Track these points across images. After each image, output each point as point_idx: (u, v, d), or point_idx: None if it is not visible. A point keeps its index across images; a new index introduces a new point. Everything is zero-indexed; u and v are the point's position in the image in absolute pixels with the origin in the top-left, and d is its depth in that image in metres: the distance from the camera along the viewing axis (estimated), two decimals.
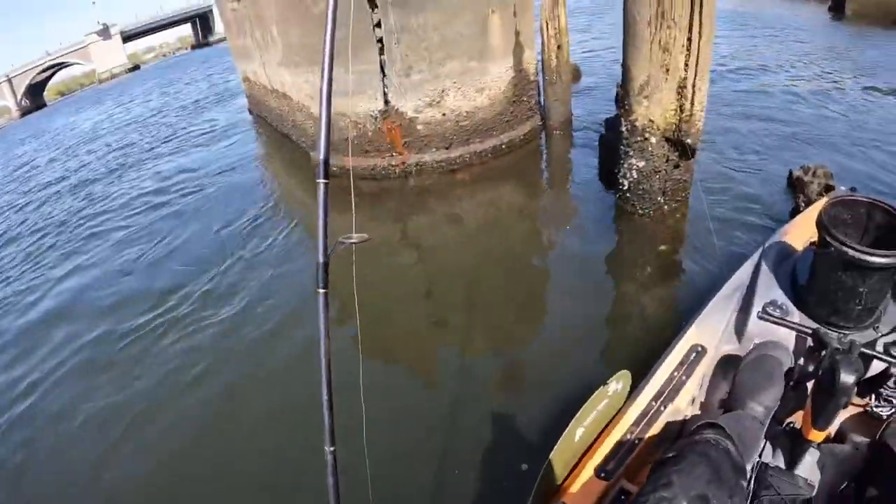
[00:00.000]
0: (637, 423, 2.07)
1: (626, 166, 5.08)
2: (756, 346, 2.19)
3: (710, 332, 2.42)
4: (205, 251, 6.39)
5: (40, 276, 7.27)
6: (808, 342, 1.93)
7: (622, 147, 5.06)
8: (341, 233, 1.57)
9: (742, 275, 2.72)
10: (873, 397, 2.05)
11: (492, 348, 4.07)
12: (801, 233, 2.83)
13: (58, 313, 6.02)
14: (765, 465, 1.90)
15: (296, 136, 8.38)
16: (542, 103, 7.66)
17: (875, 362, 1.96)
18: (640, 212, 5.13)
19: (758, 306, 2.32)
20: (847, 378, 1.60)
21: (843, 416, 2.10)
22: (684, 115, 4.70)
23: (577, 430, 2.08)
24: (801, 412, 1.88)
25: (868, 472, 1.82)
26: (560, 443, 2.00)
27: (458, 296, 4.73)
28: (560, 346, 3.89)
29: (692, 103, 4.59)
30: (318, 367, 1.55)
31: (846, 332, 2.21)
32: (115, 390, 4.41)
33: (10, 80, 44.95)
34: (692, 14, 4.21)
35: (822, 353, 1.76)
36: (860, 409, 2.11)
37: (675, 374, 2.24)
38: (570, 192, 6.30)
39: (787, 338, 2.23)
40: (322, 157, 1.49)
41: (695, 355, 2.32)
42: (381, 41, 6.22)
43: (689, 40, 4.32)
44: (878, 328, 2.25)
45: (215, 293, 5.39)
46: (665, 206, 5.11)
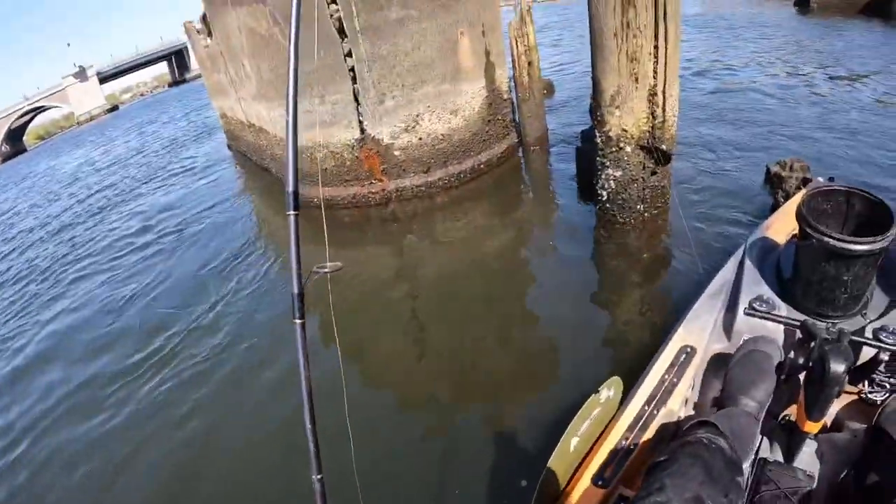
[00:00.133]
0: (631, 428, 2.06)
1: (603, 177, 5.09)
2: (745, 342, 2.18)
3: (698, 331, 2.41)
4: (189, 290, 6.33)
5: (26, 322, 7.19)
6: (797, 334, 1.94)
7: (598, 158, 5.08)
8: (322, 261, 1.59)
9: (727, 272, 2.74)
10: (866, 383, 2.04)
11: (481, 366, 4.04)
12: (782, 226, 2.85)
13: (44, 358, 5.97)
14: (763, 460, 1.90)
15: (275, 170, 8.39)
16: (517, 120, 7.70)
17: (865, 348, 1.97)
18: (621, 221, 5.14)
19: (744, 302, 2.32)
20: (837, 367, 1.62)
21: (838, 404, 2.12)
22: (657, 121, 4.72)
23: (572, 440, 2.06)
24: (795, 405, 1.87)
25: (867, 459, 1.80)
26: (555, 454, 1.98)
27: (444, 317, 4.72)
28: (550, 359, 3.88)
29: (664, 110, 4.61)
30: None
31: (834, 321, 2.21)
32: (103, 434, 4.37)
33: None
34: (657, 22, 4.24)
35: (812, 344, 1.76)
36: (855, 397, 2.12)
37: (666, 376, 2.23)
38: (551, 206, 6.31)
39: (776, 331, 2.24)
40: (290, 188, 1.53)
41: (684, 356, 2.30)
42: (353, 70, 6.26)
43: (655, 48, 4.36)
44: (865, 315, 2.26)
45: (200, 331, 5.34)
46: (645, 214, 5.12)
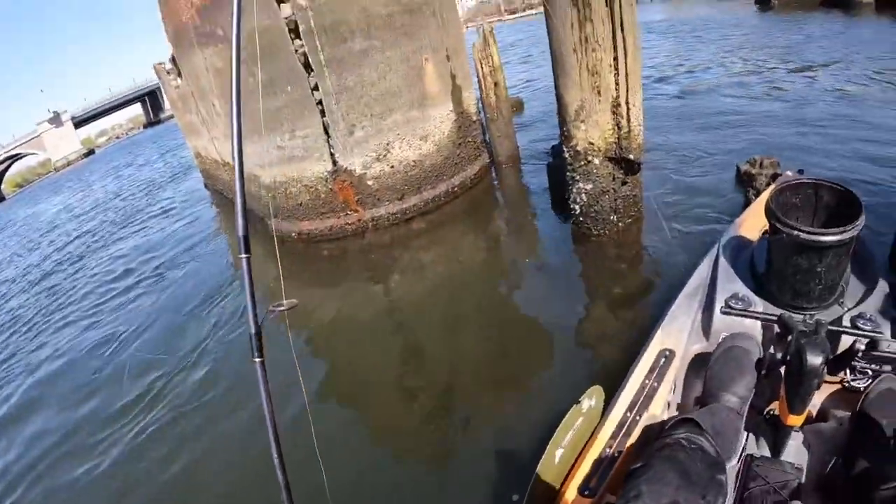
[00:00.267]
0: (615, 435, 2.05)
1: (574, 191, 5.15)
2: (723, 340, 2.19)
3: (677, 333, 2.41)
4: (170, 334, 6.26)
5: (11, 372, 7.10)
6: (775, 329, 1.99)
7: (568, 173, 5.14)
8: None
9: (702, 272, 2.75)
10: (848, 372, 2.04)
11: (462, 385, 4.03)
12: (753, 223, 2.87)
13: (30, 407, 5.89)
14: (750, 456, 1.91)
15: (252, 206, 8.35)
16: (487, 141, 7.77)
17: (845, 337, 2.00)
18: (596, 233, 5.19)
19: (720, 301, 2.33)
20: (814, 360, 1.64)
21: (822, 394, 2.14)
22: (622, 132, 4.77)
23: (556, 452, 2.08)
24: (778, 400, 1.89)
25: (853, 446, 1.81)
26: (539, 467, 2.01)
27: (424, 340, 4.73)
28: (532, 374, 3.89)
29: (628, 120, 4.67)
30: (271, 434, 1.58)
31: (811, 312, 2.22)
32: (90, 481, 4.31)
33: None
34: (615, 34, 4.31)
35: (789, 338, 1.78)
36: (838, 386, 2.12)
37: (647, 381, 2.23)
38: (526, 224, 6.36)
39: (754, 328, 2.26)
40: (240, 233, 1.62)
41: (664, 360, 2.30)
42: (321, 103, 6.29)
43: (615, 60, 4.43)
44: (843, 303, 2.28)
45: (182, 374, 5.28)
46: (619, 224, 5.18)
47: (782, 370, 1.83)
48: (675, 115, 8.64)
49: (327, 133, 6.39)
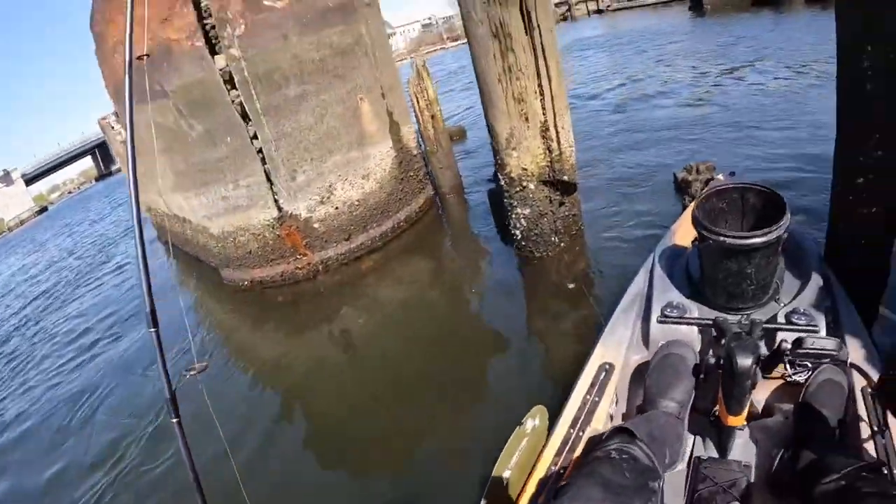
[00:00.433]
0: (559, 453, 2.02)
1: (514, 216, 5.24)
2: (660, 348, 2.22)
3: (616, 346, 2.43)
4: (131, 395, 6.10)
5: None
6: (712, 332, 2.01)
7: (506, 199, 5.23)
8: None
9: (638, 283, 2.80)
10: (787, 366, 2.02)
11: (407, 419, 4.01)
12: (687, 231, 2.90)
13: None
14: (698, 458, 1.93)
15: (204, 257, 8.27)
16: (430, 173, 7.87)
17: (781, 333, 2.04)
18: (539, 255, 5.28)
19: (657, 311, 2.37)
20: (744, 361, 1.68)
21: (766, 390, 2.18)
22: (554, 155, 4.88)
23: (504, 473, 2.08)
24: None
25: (798, 438, 1.84)
26: (486, 492, 2.01)
27: (371, 377, 4.71)
28: (480, 399, 3.92)
29: (559, 143, 4.79)
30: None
31: (747, 312, 2.26)
32: None
33: None
34: (537, 61, 4.43)
35: (723, 341, 1.83)
36: (781, 381, 2.14)
37: (588, 396, 2.22)
38: (472, 251, 6.44)
39: (691, 334, 2.28)
40: (147, 308, 1.89)
41: (604, 374, 2.31)
42: (261, 151, 6.31)
43: (540, 86, 4.54)
44: (779, 300, 2.31)
45: (146, 439, 5.10)
46: (561, 244, 5.29)
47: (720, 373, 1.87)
48: (612, 129, 8.87)
49: (270, 180, 6.41)
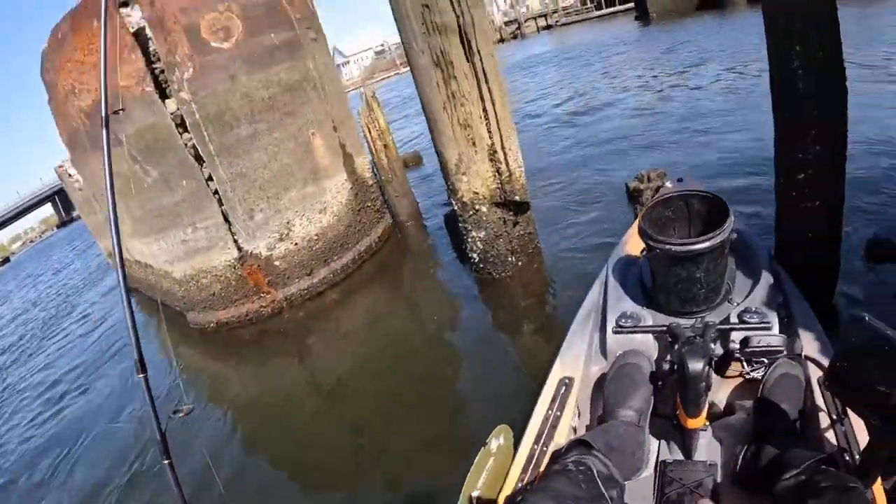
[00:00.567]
0: (525, 470, 2.02)
1: (469, 240, 5.34)
2: (616, 358, 2.23)
3: (574, 360, 2.43)
4: (104, 447, 5.93)
5: None
6: (667, 338, 2.03)
7: (461, 224, 5.33)
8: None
9: (593, 295, 2.81)
10: (745, 364, 2.07)
11: (375, 446, 4.02)
12: (637, 240, 2.91)
13: None
14: (664, 462, 1.96)
15: (168, 301, 8.18)
16: (387, 202, 7.97)
17: (735, 332, 2.08)
18: (497, 276, 5.37)
19: (612, 322, 2.40)
20: (695, 365, 1.71)
21: (726, 389, 2.21)
22: (504, 177, 4.99)
23: (473, 493, 2.05)
24: None
25: (759, 434, 1.86)
26: None
27: (336, 408, 4.74)
28: (446, 422, 3.96)
29: (507, 164, 4.90)
30: None
31: (702, 315, 2.29)
32: None
33: None
34: (480, 86, 4.54)
35: (676, 346, 1.85)
36: (740, 379, 2.17)
37: (549, 412, 2.22)
38: (433, 276, 6.52)
39: (647, 342, 2.32)
40: (136, 356, 2.03)
41: (564, 388, 2.31)
42: (217, 192, 6.33)
43: (484, 110, 4.66)
44: (732, 300, 2.35)
45: (126, 487, 4.98)
46: (518, 263, 5.39)
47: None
48: (564, 144, 9.07)
49: (228, 221, 6.42)
